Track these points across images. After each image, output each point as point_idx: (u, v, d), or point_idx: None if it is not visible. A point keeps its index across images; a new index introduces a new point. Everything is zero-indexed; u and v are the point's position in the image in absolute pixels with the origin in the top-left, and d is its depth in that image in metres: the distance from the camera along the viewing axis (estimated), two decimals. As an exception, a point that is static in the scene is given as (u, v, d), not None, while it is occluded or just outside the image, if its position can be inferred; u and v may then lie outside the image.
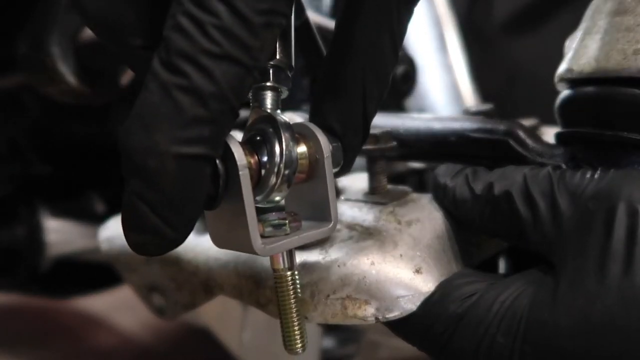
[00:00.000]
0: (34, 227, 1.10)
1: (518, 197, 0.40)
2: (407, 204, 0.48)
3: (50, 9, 0.68)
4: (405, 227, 0.45)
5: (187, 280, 0.53)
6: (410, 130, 0.53)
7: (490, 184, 0.42)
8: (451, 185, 0.45)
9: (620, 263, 0.34)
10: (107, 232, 0.62)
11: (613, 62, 0.41)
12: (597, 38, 0.42)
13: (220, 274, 0.48)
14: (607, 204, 0.36)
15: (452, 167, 0.47)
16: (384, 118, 0.56)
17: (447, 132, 0.50)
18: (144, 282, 0.59)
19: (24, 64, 0.70)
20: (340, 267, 0.43)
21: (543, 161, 0.44)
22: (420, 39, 0.95)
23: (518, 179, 0.41)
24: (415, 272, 0.42)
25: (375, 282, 0.42)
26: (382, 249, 0.43)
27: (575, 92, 0.43)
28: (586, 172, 0.39)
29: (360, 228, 0.46)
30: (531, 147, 0.46)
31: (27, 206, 1.11)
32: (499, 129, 0.47)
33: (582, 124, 0.43)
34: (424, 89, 0.93)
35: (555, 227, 0.38)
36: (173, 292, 0.56)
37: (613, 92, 0.41)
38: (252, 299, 0.46)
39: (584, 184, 0.38)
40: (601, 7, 0.44)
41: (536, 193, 0.39)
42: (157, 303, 0.59)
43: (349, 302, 0.42)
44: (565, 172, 0.40)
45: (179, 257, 0.53)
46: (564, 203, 0.38)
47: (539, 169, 0.41)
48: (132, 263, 0.58)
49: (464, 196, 0.44)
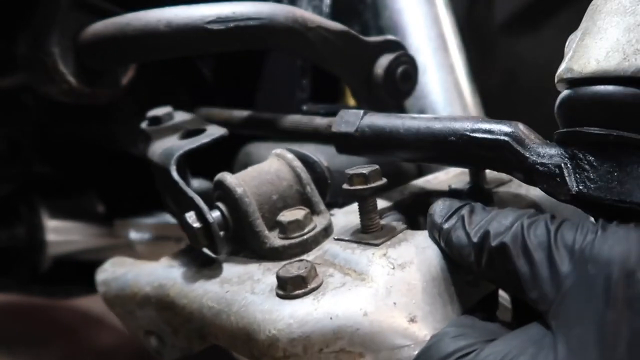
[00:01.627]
0: (34, 227, 1.10)
1: (515, 250, 0.39)
2: (400, 244, 0.47)
3: (50, 9, 0.68)
4: (399, 271, 0.43)
5: (182, 325, 0.52)
6: (410, 130, 0.52)
7: (486, 233, 0.41)
8: (447, 227, 0.44)
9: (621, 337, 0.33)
10: (103, 274, 0.61)
11: (613, 62, 0.41)
12: (597, 38, 0.42)
13: (214, 323, 0.47)
14: (606, 270, 0.35)
15: (448, 204, 0.46)
16: (384, 118, 0.56)
17: (447, 132, 0.50)
18: (141, 325, 0.58)
19: (24, 64, 0.70)
20: (332, 319, 0.41)
21: (543, 161, 0.44)
22: (420, 39, 0.95)
23: (515, 230, 0.40)
24: (410, 321, 0.41)
25: (369, 333, 0.40)
26: (375, 297, 0.42)
27: (575, 92, 0.43)
28: (584, 227, 0.38)
29: (353, 273, 0.44)
30: (531, 147, 0.46)
31: (27, 206, 1.11)
32: (499, 129, 0.47)
33: (582, 124, 0.43)
34: (424, 89, 0.92)
35: (554, 287, 0.37)
36: (169, 336, 0.55)
37: (613, 92, 0.41)
38: (245, 351, 0.45)
39: (582, 242, 0.37)
40: (601, 7, 0.44)
41: (533, 247, 0.38)
42: (155, 346, 0.58)
43: (343, 356, 0.41)
44: (564, 224, 0.39)
45: (174, 302, 0.52)
46: (562, 261, 0.37)
47: (536, 218, 0.40)
48: (129, 306, 0.58)
49: (460, 241, 0.43)
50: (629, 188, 0.40)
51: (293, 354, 0.41)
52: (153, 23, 0.62)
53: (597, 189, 0.42)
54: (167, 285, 0.53)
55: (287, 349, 0.41)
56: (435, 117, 0.52)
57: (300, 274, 0.43)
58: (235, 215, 0.51)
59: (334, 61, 0.71)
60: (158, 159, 0.59)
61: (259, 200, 0.52)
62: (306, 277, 0.43)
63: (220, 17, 0.61)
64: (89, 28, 0.67)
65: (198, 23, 0.61)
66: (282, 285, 0.44)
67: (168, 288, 0.53)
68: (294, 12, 0.65)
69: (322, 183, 0.56)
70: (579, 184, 0.42)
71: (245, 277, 0.49)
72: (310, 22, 0.66)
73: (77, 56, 0.69)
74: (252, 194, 0.51)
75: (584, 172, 0.42)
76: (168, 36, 0.62)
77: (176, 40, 0.62)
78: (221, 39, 0.62)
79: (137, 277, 0.57)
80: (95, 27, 0.67)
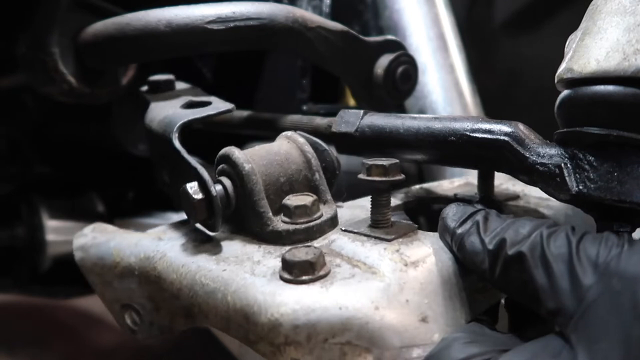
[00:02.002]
0: (34, 227, 1.10)
1: (533, 260, 0.38)
2: (412, 243, 0.46)
3: (50, 9, 0.68)
4: (412, 269, 0.42)
5: (166, 301, 0.49)
6: (410, 130, 0.52)
7: (502, 241, 0.40)
8: (460, 231, 0.43)
9: None
10: (82, 239, 0.57)
11: (613, 62, 0.41)
12: (597, 38, 0.42)
13: (206, 302, 0.44)
14: (634, 285, 0.34)
15: (462, 209, 0.45)
16: (384, 118, 0.56)
17: (447, 132, 0.50)
18: (118, 298, 0.54)
19: (24, 64, 0.70)
20: (342, 309, 0.39)
21: (543, 161, 0.44)
22: (420, 39, 0.95)
23: (533, 239, 0.39)
24: (421, 321, 0.40)
25: (379, 328, 0.39)
26: (387, 292, 0.40)
27: (575, 92, 0.43)
28: (609, 240, 0.37)
29: (363, 266, 0.43)
30: (531, 147, 0.46)
31: (27, 206, 1.11)
32: (499, 129, 0.47)
33: (582, 124, 0.43)
34: (424, 89, 0.93)
35: (574, 299, 0.36)
36: (149, 313, 0.52)
37: (613, 92, 0.41)
38: (240, 334, 0.42)
39: (607, 256, 0.36)
40: (601, 7, 0.44)
41: (553, 258, 0.37)
42: (130, 322, 0.54)
43: (349, 349, 0.39)
44: (585, 236, 0.38)
45: (161, 276, 0.49)
46: (585, 274, 0.36)
47: (555, 229, 0.39)
48: (107, 276, 0.54)
49: (474, 247, 0.42)
50: (629, 188, 0.40)
51: (295, 341, 0.39)
52: (153, 23, 0.62)
53: (597, 189, 0.42)
54: (155, 258, 0.50)
55: (290, 335, 0.39)
56: (435, 117, 0.52)
57: (308, 259, 0.41)
58: (240, 192, 0.49)
59: (334, 61, 0.71)
60: (157, 126, 0.56)
61: (265, 181, 0.49)
62: (314, 263, 0.41)
63: (220, 17, 0.61)
64: (89, 28, 0.67)
65: (198, 23, 0.61)
66: (287, 269, 0.42)
67: (155, 261, 0.49)
68: (294, 12, 0.65)
69: (331, 173, 0.54)
70: (579, 184, 0.42)
71: (244, 258, 0.46)
72: (310, 22, 0.66)
73: (77, 56, 0.69)
74: (259, 172, 0.49)
75: (584, 172, 0.42)
76: (168, 36, 0.61)
77: (176, 40, 0.62)
78: (221, 39, 0.62)
79: (120, 247, 0.54)
80: (95, 27, 0.67)
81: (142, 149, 0.97)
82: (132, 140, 0.95)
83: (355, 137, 0.57)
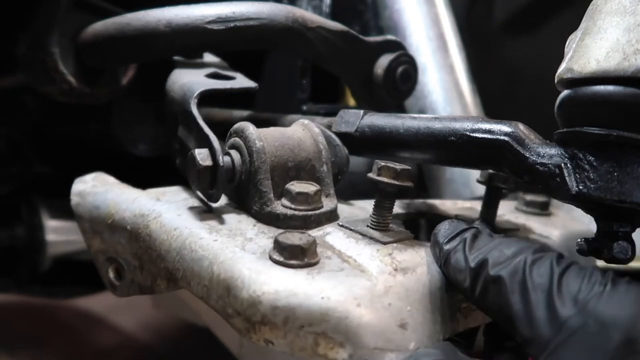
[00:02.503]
0: (34, 227, 1.10)
1: (512, 285, 0.38)
2: (406, 250, 0.46)
3: (50, 9, 0.68)
4: (400, 275, 0.42)
5: (152, 261, 0.49)
6: (410, 130, 0.52)
7: (485, 260, 0.40)
8: (447, 248, 0.43)
9: None
10: (81, 185, 0.57)
11: (613, 62, 0.41)
12: (597, 38, 0.42)
13: (192, 268, 0.44)
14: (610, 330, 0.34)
15: (454, 226, 0.45)
16: (384, 118, 0.56)
17: (447, 132, 0.50)
18: (105, 250, 0.54)
19: (24, 64, 0.70)
20: (324, 299, 0.39)
21: (543, 161, 0.44)
22: (420, 39, 0.95)
23: (516, 264, 0.39)
24: (399, 326, 0.40)
25: (357, 325, 0.39)
26: (372, 292, 0.40)
27: (575, 92, 0.43)
28: (593, 276, 0.36)
29: (353, 262, 0.43)
30: (531, 147, 0.46)
31: (27, 206, 1.11)
32: (499, 129, 0.47)
33: (582, 124, 0.43)
34: (424, 89, 0.92)
35: (550, 330, 0.36)
36: (132, 270, 0.52)
37: (613, 92, 0.41)
38: (219, 305, 0.42)
39: (588, 293, 0.35)
40: (601, 7, 0.44)
41: (532, 286, 0.37)
42: (111, 277, 0.54)
43: (323, 340, 0.39)
44: (570, 268, 0.37)
45: (152, 235, 0.48)
46: (564, 307, 0.35)
47: (541, 255, 0.39)
48: (98, 226, 0.54)
49: (458, 264, 0.42)
50: (629, 188, 0.40)
51: (271, 322, 0.39)
52: (153, 23, 0.62)
53: (597, 189, 0.42)
54: (150, 216, 0.50)
55: (267, 315, 0.39)
56: (435, 117, 0.52)
57: (300, 245, 0.41)
58: (246, 167, 0.49)
59: (334, 61, 0.71)
60: (178, 89, 0.56)
61: (273, 162, 0.49)
62: (306, 250, 0.41)
63: (220, 17, 0.61)
64: (89, 28, 0.67)
65: (198, 23, 0.61)
66: (278, 250, 0.42)
67: (150, 219, 0.49)
68: (294, 12, 0.65)
69: (339, 168, 0.54)
70: (579, 184, 0.42)
71: (237, 232, 0.47)
72: (310, 22, 0.66)
73: (77, 56, 0.69)
74: (269, 152, 0.49)
75: (584, 172, 0.42)
76: (168, 36, 0.62)
77: (176, 40, 0.62)
78: (221, 39, 0.62)
79: (117, 199, 0.53)
80: (95, 27, 0.67)
81: (142, 149, 0.97)
82: (132, 140, 0.95)
83: (355, 137, 0.57)
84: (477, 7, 1.17)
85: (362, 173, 0.74)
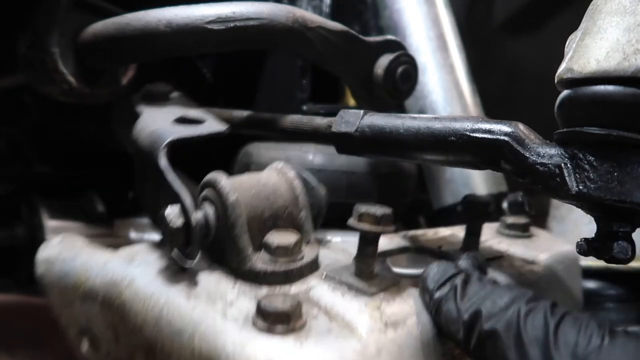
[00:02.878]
0: (34, 227, 1.10)
1: (507, 340, 0.37)
2: (394, 298, 0.44)
3: (50, 9, 0.68)
4: (391, 331, 0.41)
5: (128, 334, 0.45)
6: (410, 130, 0.52)
7: (478, 312, 0.39)
8: (438, 295, 0.43)
9: None
10: (48, 251, 0.53)
11: (613, 62, 0.41)
12: (597, 38, 0.42)
13: (171, 341, 0.41)
14: None
15: (443, 269, 0.44)
16: (384, 118, 0.56)
17: (447, 132, 0.50)
18: (76, 322, 0.50)
19: (24, 64, 0.70)
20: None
21: (543, 161, 0.44)
22: (420, 39, 0.95)
23: (510, 316, 0.38)
24: None
25: None
26: (363, 354, 0.39)
27: (575, 92, 0.43)
28: (589, 327, 0.36)
29: (341, 321, 0.41)
30: (531, 147, 0.46)
31: (27, 206, 1.11)
32: (499, 129, 0.47)
33: (582, 124, 0.43)
34: (424, 89, 0.93)
35: None
36: (107, 343, 0.48)
37: (613, 92, 0.41)
38: None
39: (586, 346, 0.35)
40: (601, 7, 0.44)
41: (528, 340, 0.37)
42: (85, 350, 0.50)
43: None
44: (565, 318, 0.37)
45: (125, 305, 0.45)
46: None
47: (534, 305, 0.39)
48: (69, 296, 0.50)
49: (450, 315, 0.41)
50: (629, 188, 0.40)
51: None
52: (153, 23, 0.62)
53: (597, 189, 0.42)
54: (122, 284, 0.46)
55: None
56: (435, 117, 0.52)
57: (285, 310, 0.39)
58: (221, 222, 0.47)
59: (334, 61, 0.71)
60: (144, 140, 0.54)
61: (249, 214, 0.47)
62: (290, 315, 0.39)
63: (220, 17, 0.61)
64: (89, 28, 0.67)
65: (198, 23, 0.61)
66: (262, 316, 0.39)
67: (123, 287, 0.46)
68: (294, 12, 0.65)
69: (317, 210, 0.53)
70: (579, 184, 0.42)
71: (216, 296, 0.44)
72: (310, 22, 0.66)
73: (77, 56, 0.69)
74: (244, 204, 0.47)
75: (584, 172, 0.42)
76: (168, 36, 0.61)
77: (176, 40, 0.62)
78: (221, 39, 0.62)
79: (87, 265, 0.50)
80: (95, 27, 0.67)
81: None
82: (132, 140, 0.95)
83: (355, 137, 0.57)
84: (477, 7, 1.17)
85: (362, 173, 0.75)
